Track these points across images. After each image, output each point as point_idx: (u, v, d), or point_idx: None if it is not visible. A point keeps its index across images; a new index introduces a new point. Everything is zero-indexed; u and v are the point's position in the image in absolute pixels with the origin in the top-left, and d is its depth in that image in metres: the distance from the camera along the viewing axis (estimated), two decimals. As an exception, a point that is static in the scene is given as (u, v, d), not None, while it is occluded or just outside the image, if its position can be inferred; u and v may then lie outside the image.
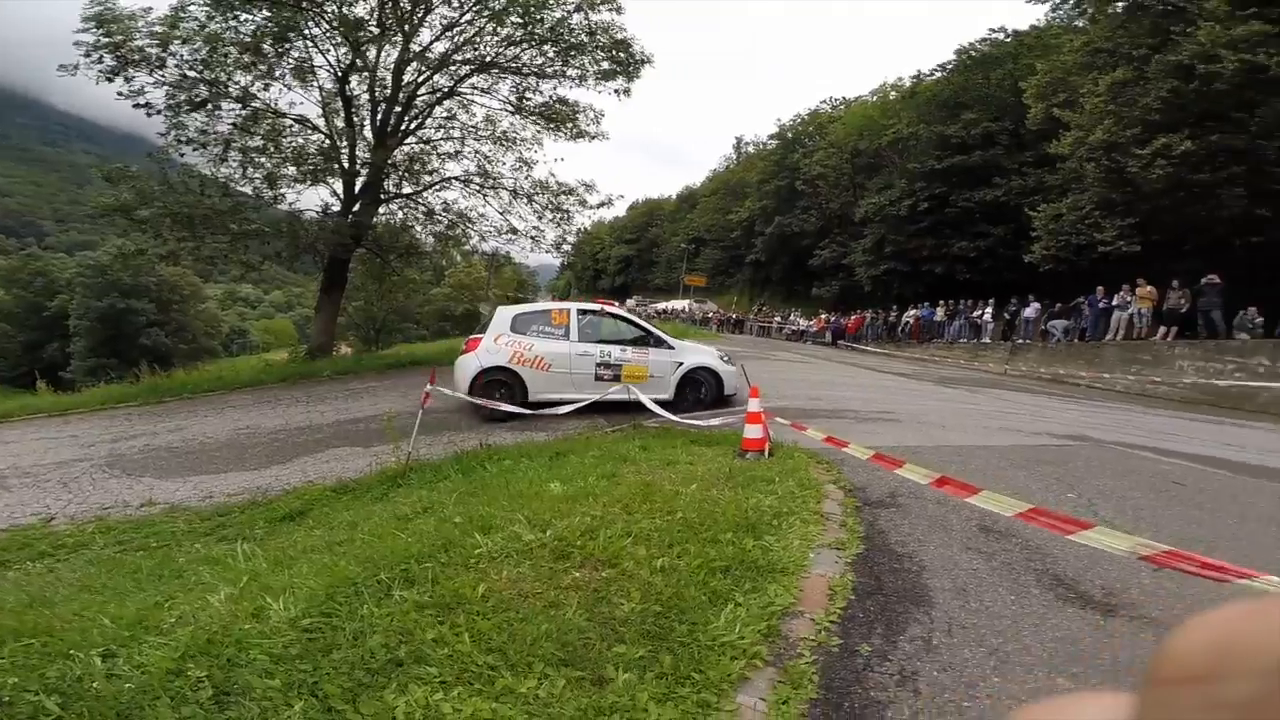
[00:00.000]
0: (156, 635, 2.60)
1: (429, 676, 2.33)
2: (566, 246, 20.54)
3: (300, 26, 14.67)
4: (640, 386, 8.63)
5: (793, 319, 33.48)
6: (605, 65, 16.99)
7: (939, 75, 31.75)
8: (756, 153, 54.92)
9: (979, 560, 3.67)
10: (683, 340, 10.36)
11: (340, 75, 16.08)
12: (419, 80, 17.20)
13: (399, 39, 16.37)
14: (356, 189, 16.87)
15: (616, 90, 17.38)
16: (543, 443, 7.16)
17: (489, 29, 16.48)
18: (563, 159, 38.88)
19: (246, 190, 15.84)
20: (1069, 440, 7.46)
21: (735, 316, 37.85)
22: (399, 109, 17.10)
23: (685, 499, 4.24)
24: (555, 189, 18.37)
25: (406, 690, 2.26)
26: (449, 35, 16.81)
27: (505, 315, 9.17)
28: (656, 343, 9.28)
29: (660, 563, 3.26)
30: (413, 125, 17.87)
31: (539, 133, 18.29)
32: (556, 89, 17.67)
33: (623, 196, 53.61)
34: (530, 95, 17.74)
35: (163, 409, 11.52)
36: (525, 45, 16.81)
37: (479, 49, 17.01)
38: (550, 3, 15.58)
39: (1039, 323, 19.25)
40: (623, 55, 16.84)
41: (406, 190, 18.53)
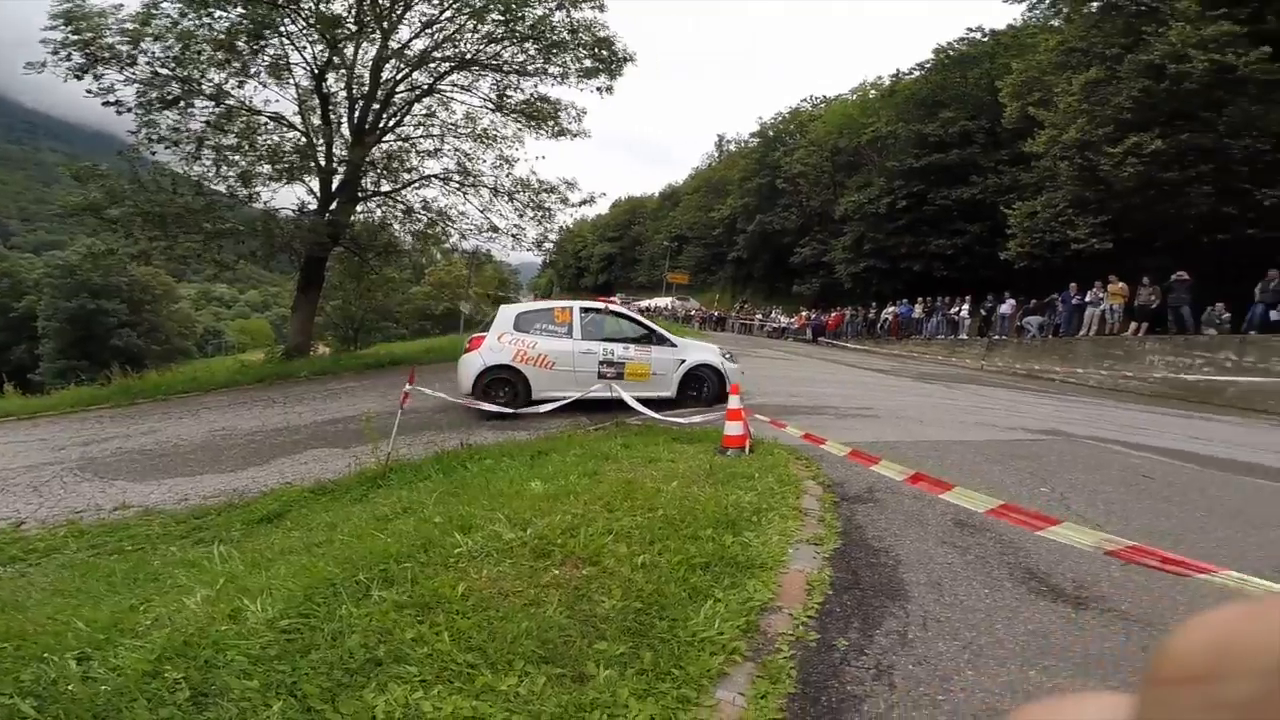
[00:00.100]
0: (132, 638, 2.57)
1: (408, 675, 2.33)
2: (548, 244, 20.49)
3: (276, 23, 14.46)
4: (643, 384, 8.71)
5: (774, 316, 33.69)
6: (587, 63, 16.95)
7: (918, 74, 32.00)
8: (738, 151, 54.85)
9: (953, 554, 3.74)
10: (684, 338, 10.40)
11: (317, 72, 15.87)
12: (398, 77, 17.04)
13: (377, 36, 16.20)
14: (334, 187, 16.67)
15: (599, 88, 17.37)
16: (524, 442, 7.14)
17: (469, 26, 16.36)
18: (544, 157, 38.77)
19: (220, 189, 15.63)
20: (1043, 435, 7.59)
21: (717, 314, 37.99)
22: (377, 106, 16.93)
23: (666, 496, 4.26)
24: (536, 187, 18.30)
25: (386, 689, 2.25)
26: (429, 32, 16.68)
27: (508, 314, 9.15)
28: (659, 341, 9.29)
29: (641, 560, 3.27)
30: (391, 123, 17.70)
31: (520, 130, 18.21)
32: (538, 87, 17.62)
33: (605, 194, 53.49)
34: (511, 93, 17.66)
35: (135, 411, 11.32)
36: (506, 43, 16.71)
37: (459, 46, 16.88)
38: (532, 0, 15.51)
39: (1014, 319, 19.54)
40: (605, 53, 16.81)
41: (385, 188, 18.35)
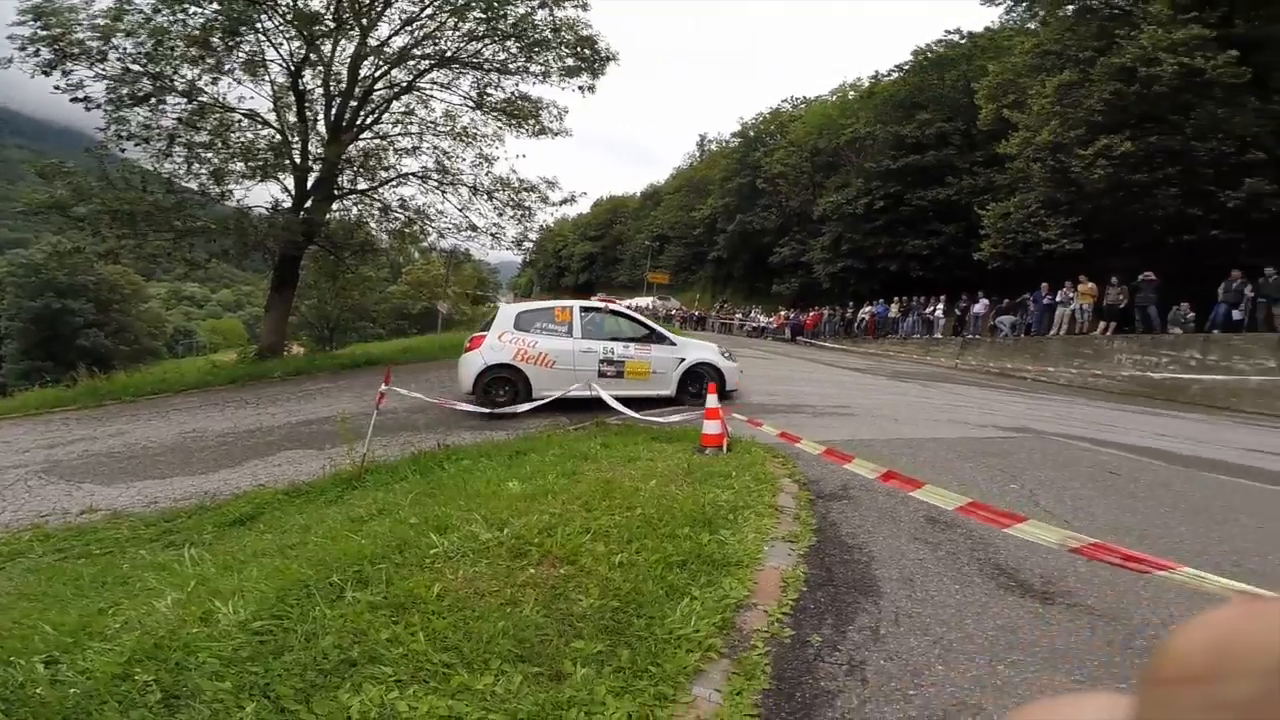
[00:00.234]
0: (101, 641, 2.55)
1: (383, 676, 2.32)
2: (528, 244, 20.41)
3: (253, 20, 14.22)
4: (644, 383, 8.85)
5: (753, 316, 33.89)
6: (569, 62, 16.90)
7: (896, 76, 32.29)
8: (719, 151, 55.02)
9: (925, 550, 3.80)
10: (682, 337, 10.48)
11: (293, 69, 15.63)
12: (376, 75, 16.85)
13: (356, 33, 15.99)
14: (309, 185, 16.43)
15: (581, 87, 17.32)
16: (502, 442, 7.12)
17: (450, 24, 16.22)
18: (524, 155, 38.61)
19: (192, 186, 15.31)
20: (1014, 432, 7.74)
21: (698, 314, 38.12)
22: (354, 104, 16.72)
23: (645, 495, 4.27)
24: (516, 186, 18.20)
25: (361, 690, 2.24)
26: (409, 29, 16.50)
27: (509, 313, 9.19)
28: (659, 339, 9.38)
29: (619, 558, 3.29)
30: (369, 120, 17.50)
31: (500, 129, 18.10)
32: (519, 85, 17.53)
33: (585, 194, 53.46)
34: (492, 91, 17.55)
35: (102, 413, 11.08)
36: (487, 41, 16.60)
37: (439, 44, 16.73)
38: (514, -1, 15.46)
39: (988, 319, 19.84)
40: (587, 52, 16.77)
41: (361, 186, 18.13)
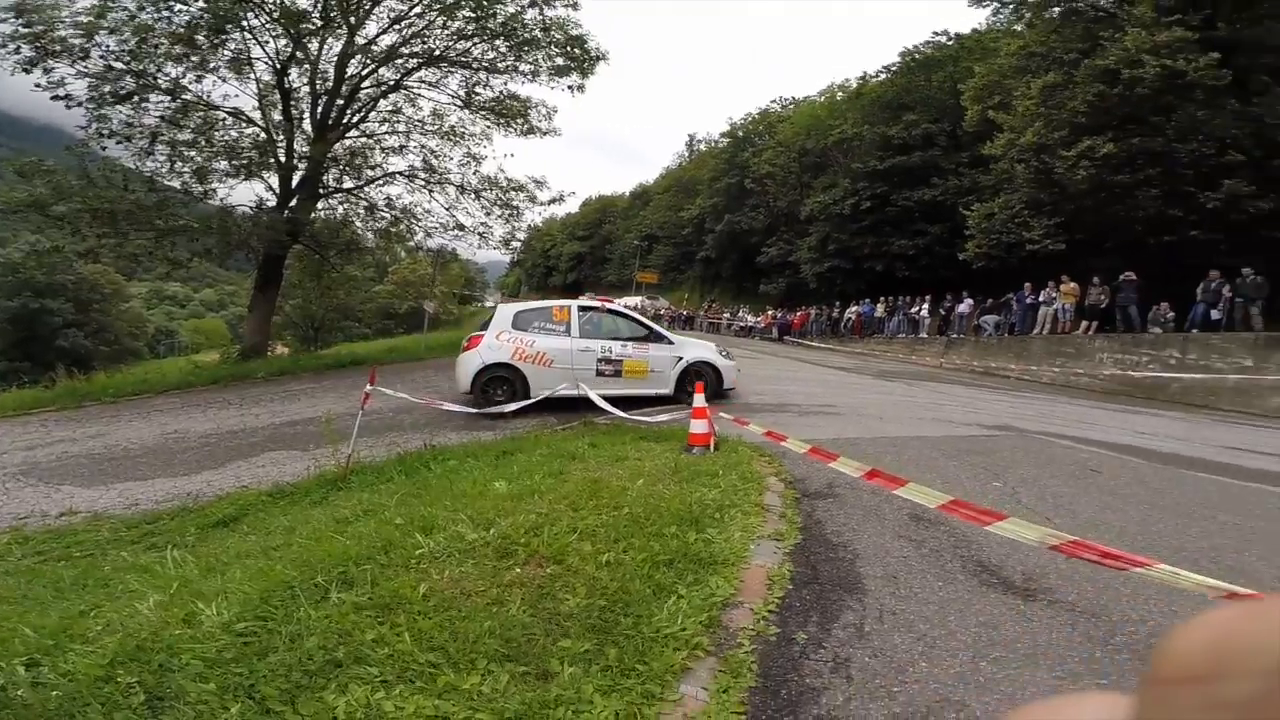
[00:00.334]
0: (82, 643, 2.53)
1: (369, 676, 2.31)
2: (516, 243, 20.38)
3: (239, 18, 14.08)
4: (642, 382, 8.94)
5: (741, 315, 33.99)
6: (559, 61, 16.87)
7: (884, 77, 32.45)
8: (708, 150, 54.96)
9: (909, 548, 3.84)
10: (680, 336, 10.59)
11: (279, 67, 15.50)
12: (363, 73, 16.74)
13: (343, 31, 15.88)
14: (294, 184, 16.31)
15: (570, 86, 17.30)
16: (489, 442, 7.10)
17: (439, 22, 16.15)
18: (513, 155, 38.55)
19: (174, 185, 15.14)
20: (997, 430, 7.82)
21: (686, 313, 38.17)
22: (341, 102, 16.61)
23: (632, 494, 4.28)
24: (504, 185, 18.16)
25: (346, 690, 2.24)
26: (397, 28, 16.41)
27: (506, 312, 9.24)
28: (656, 338, 9.44)
29: (606, 558, 3.29)
30: (355, 119, 17.39)
31: (489, 128, 18.06)
32: (508, 84, 17.49)
33: (574, 193, 53.22)
34: (480, 90, 17.50)
35: (82, 414, 10.94)
36: (477, 39, 16.54)
37: (428, 42, 16.66)
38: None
39: (972, 318, 20.00)
40: (577, 51, 16.75)
41: (347, 185, 18.02)
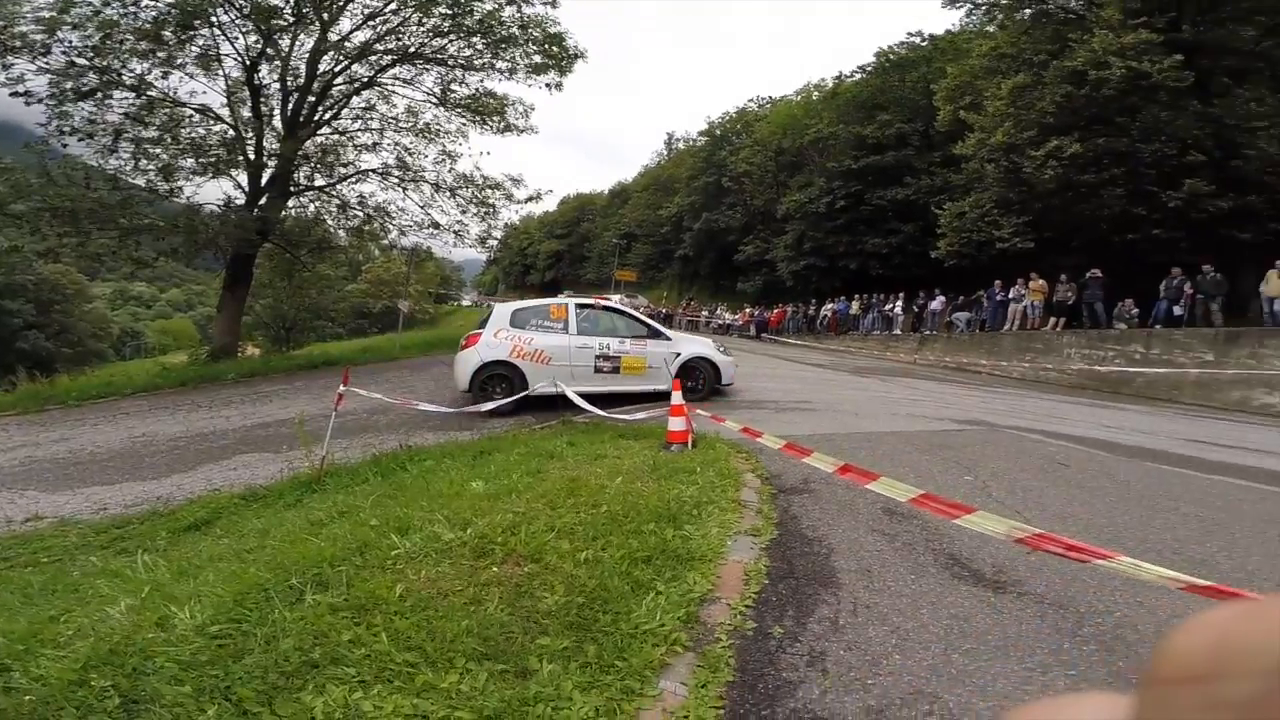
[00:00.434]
0: (54, 648, 2.49)
1: (346, 676, 2.30)
2: (492, 241, 20.23)
3: (207, 13, 13.78)
4: (640, 378, 9.05)
5: (719, 313, 34.15)
6: (537, 59, 16.78)
7: (859, 77, 32.82)
8: (687, 149, 55.05)
9: (882, 541, 3.90)
10: (678, 332, 10.68)
11: (249, 64, 15.20)
12: (336, 70, 16.48)
13: (316, 27, 15.62)
14: (263, 181, 16.01)
15: (548, 84, 17.23)
16: (466, 442, 7.07)
17: (415, 19, 15.96)
18: (489, 153, 38.38)
19: (139, 183, 14.79)
20: (969, 425, 7.95)
21: (665, 311, 38.22)
22: (313, 99, 16.34)
23: (611, 492, 4.29)
24: (480, 183, 18.03)
25: (324, 690, 2.23)
26: (371, 24, 16.18)
27: (504, 311, 9.31)
28: (654, 334, 9.55)
29: (584, 555, 3.30)
30: (327, 116, 17.12)
31: (464, 126, 17.91)
32: (484, 81, 17.36)
33: (551, 191, 53.00)
34: (456, 87, 17.34)
35: (45, 418, 10.66)
36: (453, 37, 16.38)
37: (403, 39, 16.45)
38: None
39: (944, 315, 20.36)
40: (555, 49, 16.67)
41: (319, 183, 17.73)
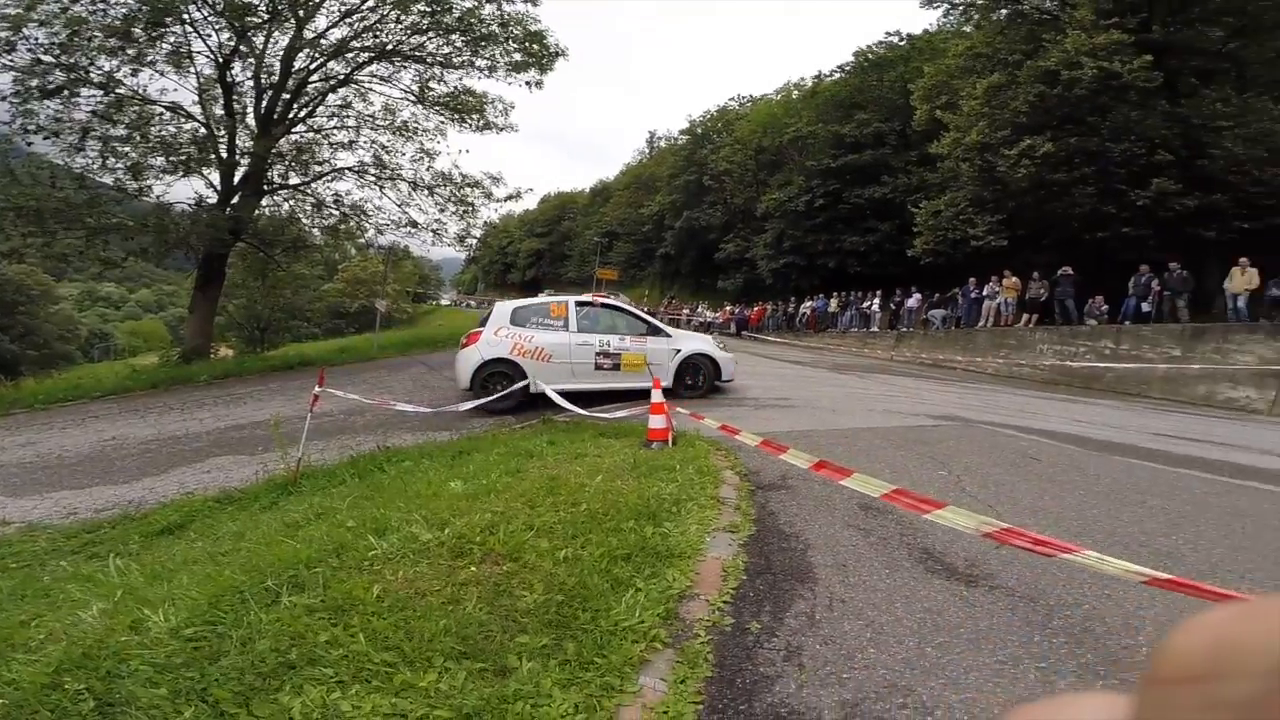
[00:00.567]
0: (25, 652, 2.46)
1: (324, 677, 2.30)
2: (471, 240, 20.12)
3: (179, 10, 13.51)
4: (640, 375, 9.04)
5: (700, 311, 34.28)
6: (517, 57, 16.70)
7: (838, 76, 33.12)
8: (668, 148, 55.04)
9: (858, 537, 3.95)
10: (677, 330, 10.76)
11: (222, 61, 14.92)
12: (311, 67, 16.25)
13: (291, 24, 15.38)
14: (236, 180, 15.75)
15: (528, 82, 17.15)
16: (445, 443, 7.04)
17: (393, 16, 15.79)
18: (468, 150, 38.16)
19: (107, 181, 14.47)
20: (943, 420, 8.07)
21: (646, 309, 38.25)
22: (287, 96, 16.10)
23: (590, 491, 4.30)
24: (459, 181, 17.93)
25: (302, 691, 2.22)
26: (348, 22, 15.97)
27: (504, 309, 9.33)
28: (654, 331, 9.61)
29: (563, 554, 3.31)
30: (302, 113, 16.88)
31: (443, 124, 17.77)
32: (463, 79, 17.24)
33: (531, 190, 52.65)
34: (434, 85, 17.21)
35: (10, 422, 10.42)
36: (432, 34, 16.23)
37: (380, 36, 16.27)
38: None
39: (920, 312, 20.62)
40: (536, 47, 16.60)
41: (294, 181, 17.48)
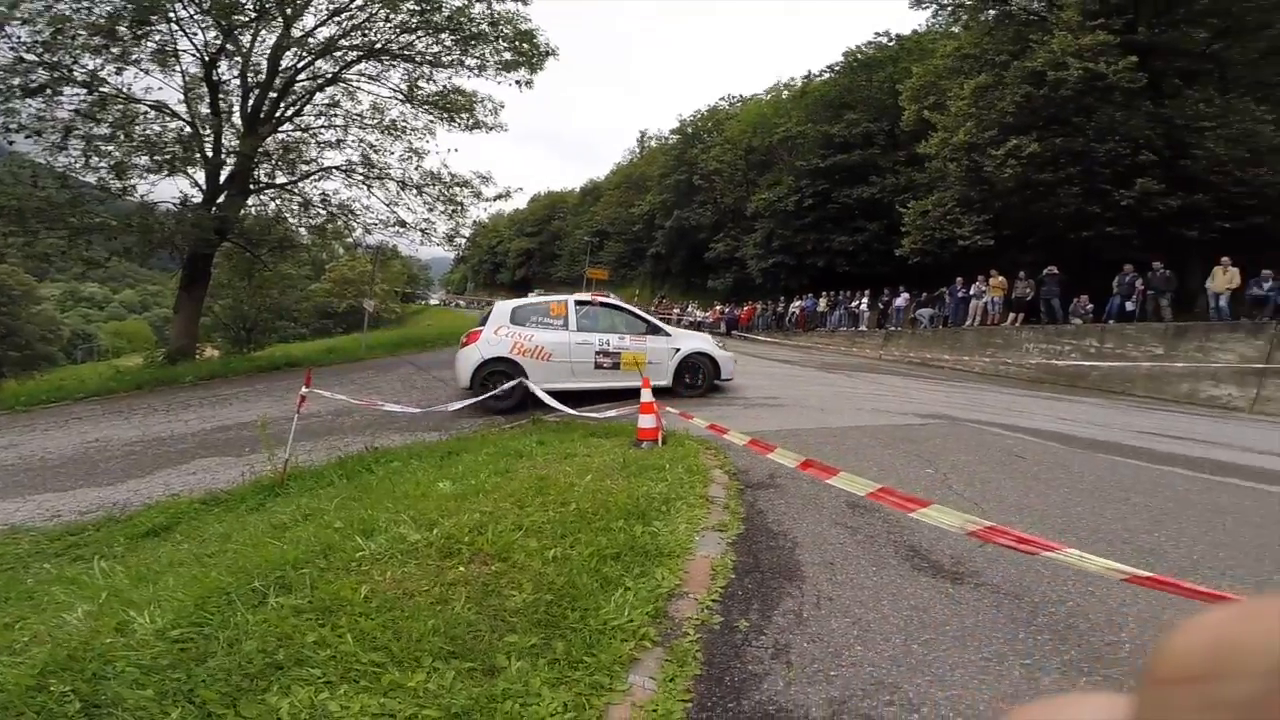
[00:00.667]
0: (9, 655, 2.45)
1: (312, 677, 2.29)
2: (460, 240, 20.03)
3: (164, 8, 13.36)
4: (639, 374, 8.98)
5: (690, 311, 34.32)
6: (507, 56, 16.64)
7: (828, 76, 33.24)
8: (659, 147, 55.06)
9: (845, 535, 3.98)
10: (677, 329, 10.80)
11: (208, 60, 14.78)
12: (299, 65, 16.12)
13: (278, 23, 15.25)
14: (222, 179, 15.61)
15: (518, 81, 17.11)
16: (434, 443, 7.02)
17: (381, 15, 15.69)
18: (456, 149, 38.01)
19: (90, 180, 14.30)
20: (930, 419, 8.13)
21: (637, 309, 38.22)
22: (274, 95, 15.97)
23: (580, 490, 4.31)
24: (448, 180, 17.84)
25: (290, 692, 2.21)
26: (336, 20, 15.86)
27: (504, 308, 9.35)
28: (653, 330, 9.63)
29: (552, 553, 3.31)
30: (289, 112, 16.76)
31: (432, 122, 17.69)
32: (453, 78, 17.18)
33: (521, 189, 52.64)
34: (423, 84, 17.12)
35: (-7, 423, 10.26)
36: (421, 33, 16.15)
37: (369, 35, 16.16)
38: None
39: (908, 311, 20.74)
40: (526, 46, 16.55)
41: (280, 180, 17.34)
